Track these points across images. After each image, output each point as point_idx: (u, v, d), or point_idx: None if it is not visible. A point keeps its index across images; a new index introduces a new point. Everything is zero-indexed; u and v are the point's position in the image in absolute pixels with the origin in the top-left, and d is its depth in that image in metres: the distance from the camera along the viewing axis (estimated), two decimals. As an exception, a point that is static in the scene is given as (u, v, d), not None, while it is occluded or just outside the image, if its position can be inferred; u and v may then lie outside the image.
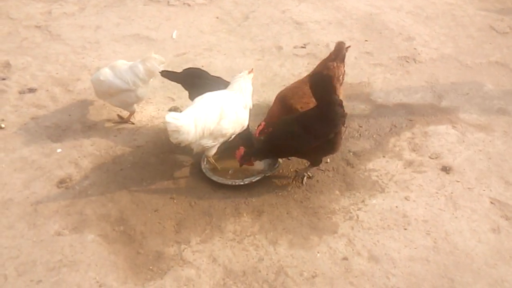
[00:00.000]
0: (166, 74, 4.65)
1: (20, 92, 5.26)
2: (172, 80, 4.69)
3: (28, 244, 3.70)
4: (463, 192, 4.16)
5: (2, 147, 4.53)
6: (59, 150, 4.55)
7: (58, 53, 5.97)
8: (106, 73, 4.58)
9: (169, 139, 3.98)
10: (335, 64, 4.52)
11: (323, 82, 3.86)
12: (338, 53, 4.60)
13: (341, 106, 3.84)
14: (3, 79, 5.47)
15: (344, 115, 3.85)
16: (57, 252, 3.65)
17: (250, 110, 4.23)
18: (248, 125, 4.29)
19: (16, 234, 3.77)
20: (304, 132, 3.87)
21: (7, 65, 5.70)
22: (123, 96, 4.61)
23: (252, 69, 4.32)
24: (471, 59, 5.95)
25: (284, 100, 4.40)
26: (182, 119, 3.82)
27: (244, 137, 4.36)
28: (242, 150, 4.07)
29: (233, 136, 4.20)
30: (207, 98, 4.05)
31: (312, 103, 4.09)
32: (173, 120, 3.78)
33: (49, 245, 3.70)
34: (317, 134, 3.86)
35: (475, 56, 6.01)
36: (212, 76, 4.62)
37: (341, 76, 4.55)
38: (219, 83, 4.39)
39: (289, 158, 4.40)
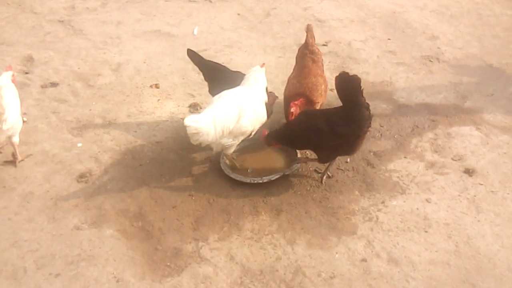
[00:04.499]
0: (192, 54, 4.61)
1: (42, 86, 5.31)
2: (194, 63, 4.65)
3: (47, 237, 3.73)
4: (486, 196, 4.07)
5: (23, 141, 4.56)
6: (79, 145, 4.58)
7: (80, 48, 6.01)
8: None
9: (188, 136, 3.97)
10: (318, 49, 4.55)
11: (350, 83, 3.77)
12: (313, 36, 4.58)
13: (368, 108, 3.78)
14: (26, 73, 5.52)
15: (369, 118, 3.79)
16: (76, 246, 3.67)
17: (266, 104, 4.21)
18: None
19: (36, 228, 3.80)
20: (328, 129, 3.82)
21: (30, 59, 5.76)
22: None
23: (264, 63, 4.31)
24: (496, 59, 5.83)
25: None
26: (201, 121, 3.79)
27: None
28: (265, 131, 4.10)
29: (253, 133, 4.18)
30: (225, 97, 4.02)
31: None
32: (193, 123, 3.75)
33: (68, 239, 3.72)
34: (340, 133, 3.82)
35: (500, 56, 5.89)
36: (232, 71, 4.60)
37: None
38: (238, 79, 4.36)
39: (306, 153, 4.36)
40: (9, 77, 4.36)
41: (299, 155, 4.28)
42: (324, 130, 3.84)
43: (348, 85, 3.79)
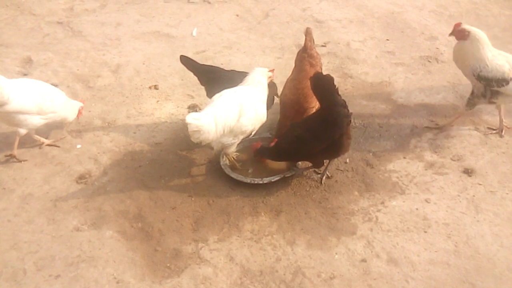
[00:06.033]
0: (185, 60, 4.60)
1: (42, 88, 5.30)
2: (188, 69, 4.63)
3: (47, 239, 3.73)
4: (486, 195, 4.07)
5: (22, 142, 4.56)
6: (78, 146, 4.58)
7: (79, 49, 6.01)
8: None
9: (187, 136, 3.97)
10: (317, 53, 4.54)
11: (324, 83, 3.80)
12: (312, 39, 4.59)
13: (345, 106, 3.80)
14: (25, 74, 5.52)
15: (348, 115, 3.80)
16: (76, 248, 3.67)
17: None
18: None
19: (35, 229, 3.81)
20: (310, 135, 3.84)
21: (29, 60, 5.76)
22: None
23: (273, 69, 4.32)
24: (495, 60, 5.82)
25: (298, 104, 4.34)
26: (202, 119, 3.80)
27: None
28: (259, 144, 4.09)
29: (253, 133, 4.18)
30: (226, 96, 4.03)
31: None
32: (194, 120, 3.76)
33: (68, 240, 3.73)
34: (321, 136, 3.83)
35: (499, 56, 5.89)
36: (226, 70, 4.59)
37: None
38: (234, 76, 4.35)
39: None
40: None
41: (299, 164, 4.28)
42: (306, 138, 3.86)
43: (323, 85, 3.81)
